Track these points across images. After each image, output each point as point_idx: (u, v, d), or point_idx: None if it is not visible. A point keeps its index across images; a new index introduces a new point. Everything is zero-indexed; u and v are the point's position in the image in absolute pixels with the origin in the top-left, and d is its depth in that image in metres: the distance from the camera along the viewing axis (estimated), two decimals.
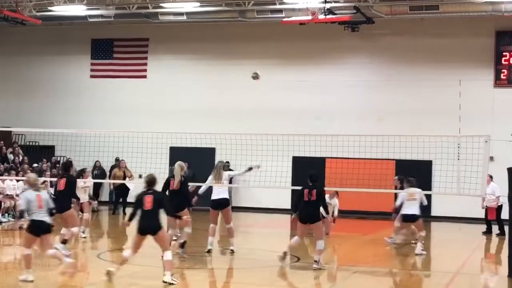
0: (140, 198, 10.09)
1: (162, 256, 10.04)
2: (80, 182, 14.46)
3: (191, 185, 13.69)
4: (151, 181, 10.26)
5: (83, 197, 14.78)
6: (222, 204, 13.19)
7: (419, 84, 23.14)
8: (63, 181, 12.44)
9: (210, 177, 13.40)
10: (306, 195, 11.75)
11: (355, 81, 23.76)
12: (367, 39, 23.36)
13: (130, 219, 10.24)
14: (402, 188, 15.55)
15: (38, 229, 9.81)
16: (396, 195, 16.25)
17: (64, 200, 12.14)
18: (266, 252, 13.66)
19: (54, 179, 14.77)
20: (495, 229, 18.53)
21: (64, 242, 12.14)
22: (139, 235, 10.03)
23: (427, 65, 23.16)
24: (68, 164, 13.87)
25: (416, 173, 18.29)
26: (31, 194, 9.85)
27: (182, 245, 12.49)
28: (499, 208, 18.44)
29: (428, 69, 23.13)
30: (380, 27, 22.59)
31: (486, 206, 18.60)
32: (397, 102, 23.24)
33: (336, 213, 16.69)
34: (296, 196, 12.36)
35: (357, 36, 22.79)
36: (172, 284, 9.72)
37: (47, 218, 9.87)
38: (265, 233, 18.74)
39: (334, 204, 16.62)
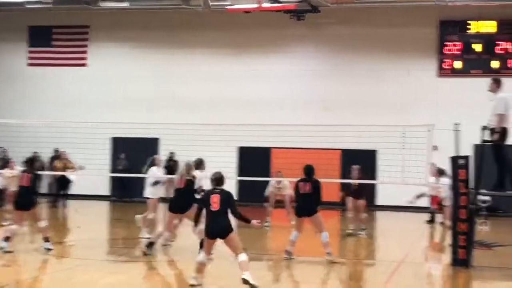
0: (206, 198, 9.32)
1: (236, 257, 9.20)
2: (6, 173, 14.08)
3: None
4: (219, 179, 9.37)
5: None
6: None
7: (364, 73, 23.23)
8: (27, 177, 12.09)
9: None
10: (301, 188, 11.81)
11: (301, 70, 23.69)
12: (313, 28, 23.29)
13: (196, 221, 9.63)
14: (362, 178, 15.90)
15: None
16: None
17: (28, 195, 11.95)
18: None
19: None
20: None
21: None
22: (208, 239, 9.25)
23: (372, 55, 23.26)
24: (33, 159, 13.28)
25: (361, 162, 18.38)
26: None
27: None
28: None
29: (373, 59, 23.23)
30: (326, 16, 22.56)
31: (431, 195, 18.78)
32: (342, 91, 23.28)
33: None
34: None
35: (303, 25, 22.69)
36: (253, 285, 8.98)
37: None
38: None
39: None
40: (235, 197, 9.64)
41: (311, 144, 20.82)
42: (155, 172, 14.06)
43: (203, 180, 12.66)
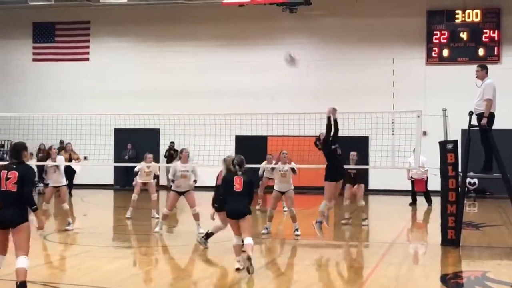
0: (229, 179, 9.78)
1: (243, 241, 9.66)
2: None
3: None
4: (241, 163, 9.83)
5: None
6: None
7: (354, 62, 23.93)
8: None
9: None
10: None
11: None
12: (304, 20, 23.97)
13: (221, 206, 10.14)
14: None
15: None
16: None
17: None
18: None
19: None
20: (420, 200, 19.37)
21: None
22: (232, 220, 9.73)
23: (362, 45, 23.94)
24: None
25: (354, 148, 19.10)
26: None
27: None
28: (427, 180, 19.31)
29: (363, 49, 23.92)
30: (317, 8, 23.19)
31: (413, 178, 19.44)
32: (334, 81, 23.98)
33: None
34: None
35: (295, 17, 23.36)
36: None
37: None
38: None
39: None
40: None
41: (304, 132, 21.52)
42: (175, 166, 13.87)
43: None
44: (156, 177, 17.15)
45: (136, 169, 16.34)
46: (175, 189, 13.47)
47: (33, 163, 23.18)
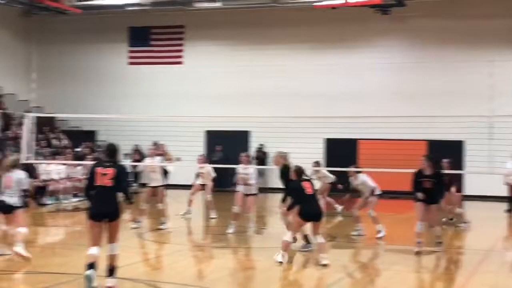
0: (298, 185, 10.35)
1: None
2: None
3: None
4: (303, 170, 10.77)
5: None
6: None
7: (450, 65, 23.30)
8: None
9: None
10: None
11: (386, 63, 24.02)
12: (398, 21, 23.56)
13: (292, 207, 10.53)
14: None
15: (2, 209, 10.22)
16: None
17: None
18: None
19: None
20: None
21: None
22: (303, 220, 10.29)
23: (458, 46, 23.30)
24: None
25: (447, 153, 18.53)
26: (4, 176, 10.30)
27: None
28: None
29: (459, 50, 23.27)
30: (411, 9, 22.77)
31: (510, 184, 18.63)
32: (428, 83, 23.42)
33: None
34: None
35: (388, 19, 23.02)
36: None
37: (10, 199, 10.15)
38: None
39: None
40: None
41: (397, 135, 21.21)
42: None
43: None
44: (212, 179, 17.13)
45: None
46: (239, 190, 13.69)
47: (127, 163, 23.94)
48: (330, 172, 17.48)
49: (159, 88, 26.37)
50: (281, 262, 10.14)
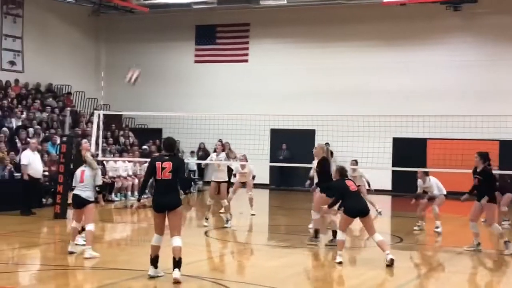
0: (343, 184, 10.53)
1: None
2: None
3: None
4: (346, 170, 11.03)
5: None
6: None
7: None
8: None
9: None
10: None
11: (457, 61, 23.41)
12: (469, 18, 22.93)
13: (334, 204, 10.75)
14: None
15: (75, 203, 10.49)
16: None
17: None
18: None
19: None
20: None
21: None
22: (350, 218, 10.39)
23: None
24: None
25: None
26: (78, 170, 10.58)
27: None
28: None
29: None
30: (483, 6, 22.17)
31: None
32: (500, 81, 22.72)
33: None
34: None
35: (459, 16, 22.44)
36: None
37: (83, 193, 10.34)
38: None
39: None
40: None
41: (468, 135, 20.56)
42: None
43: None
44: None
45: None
46: None
47: (193, 161, 24.05)
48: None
49: (224, 86, 26.43)
50: (340, 262, 10.14)
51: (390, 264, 9.87)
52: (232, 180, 17.11)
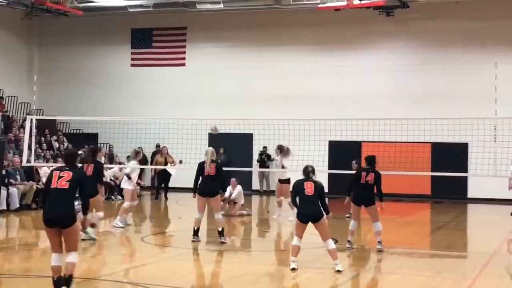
0: (300, 185, 10.02)
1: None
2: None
3: None
4: (312, 171, 10.26)
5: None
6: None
7: (454, 67, 23.18)
8: (91, 167, 12.34)
9: None
10: (363, 178, 11.89)
11: (390, 65, 23.91)
12: (402, 23, 23.46)
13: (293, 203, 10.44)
14: None
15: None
16: None
17: (92, 185, 11.66)
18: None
19: None
20: None
21: (92, 226, 12.51)
22: (301, 223, 9.94)
23: (462, 48, 23.19)
24: (95, 150, 13.54)
25: (452, 155, 18.34)
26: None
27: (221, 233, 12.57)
28: None
29: (463, 52, 23.15)
30: (415, 11, 22.70)
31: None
32: (432, 85, 23.31)
33: None
34: (351, 180, 12.32)
35: (392, 21, 22.94)
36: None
37: None
38: None
39: None
40: (326, 189, 10.22)
41: (401, 138, 21.01)
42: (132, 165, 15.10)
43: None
44: None
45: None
46: None
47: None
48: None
49: (161, 90, 26.25)
50: (294, 269, 9.93)
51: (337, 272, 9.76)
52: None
